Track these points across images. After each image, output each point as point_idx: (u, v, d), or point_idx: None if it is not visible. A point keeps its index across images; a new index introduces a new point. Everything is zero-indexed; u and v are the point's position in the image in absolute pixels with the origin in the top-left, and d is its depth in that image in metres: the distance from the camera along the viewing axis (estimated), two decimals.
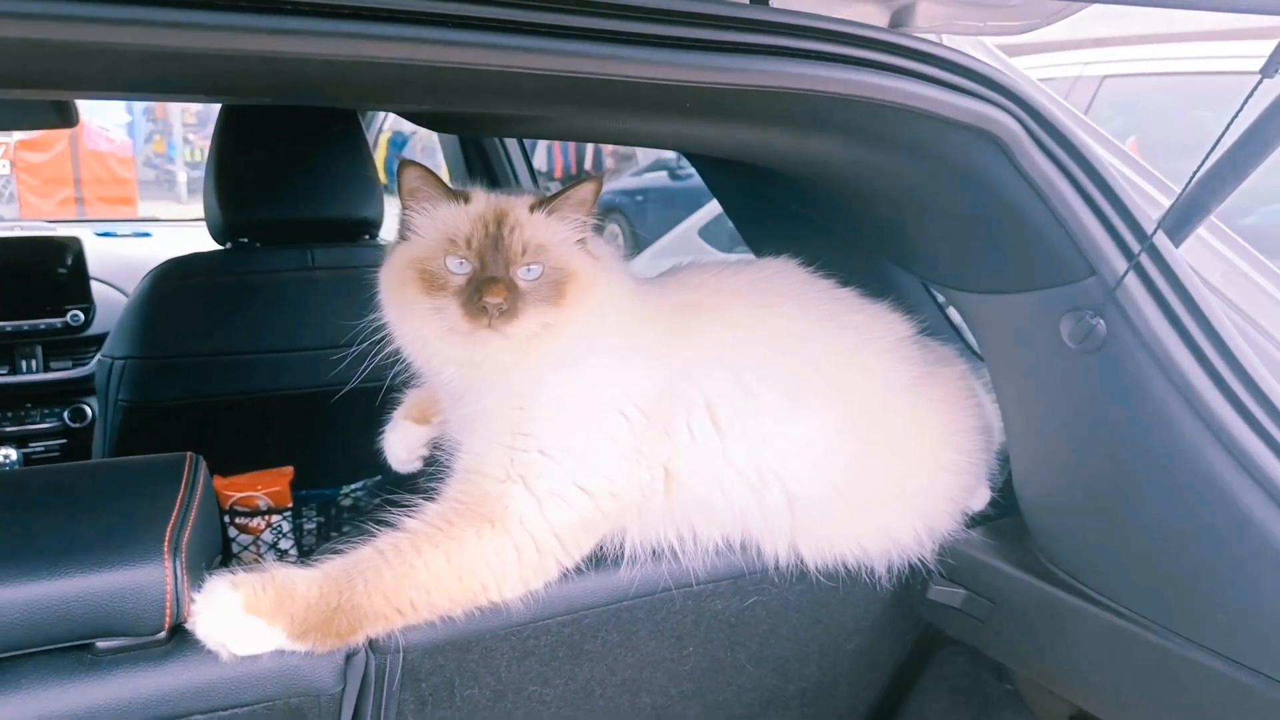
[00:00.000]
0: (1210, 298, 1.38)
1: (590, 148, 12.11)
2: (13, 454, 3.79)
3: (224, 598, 1.28)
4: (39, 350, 3.94)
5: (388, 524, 1.43)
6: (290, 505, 2.91)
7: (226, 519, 2.39)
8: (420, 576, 1.38)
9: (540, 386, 1.48)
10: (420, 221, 1.50)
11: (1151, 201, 1.58)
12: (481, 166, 3.66)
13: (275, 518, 2.85)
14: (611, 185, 10.96)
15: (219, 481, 2.32)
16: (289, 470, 2.91)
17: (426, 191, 1.49)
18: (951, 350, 1.86)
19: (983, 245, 1.53)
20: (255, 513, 2.83)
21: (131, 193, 12.13)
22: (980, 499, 1.81)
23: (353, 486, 3.09)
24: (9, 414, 3.88)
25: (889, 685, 2.03)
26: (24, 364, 3.93)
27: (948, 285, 1.69)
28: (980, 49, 1.44)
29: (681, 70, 1.17)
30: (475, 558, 1.41)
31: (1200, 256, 1.54)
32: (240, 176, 2.81)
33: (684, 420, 1.54)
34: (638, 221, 10.31)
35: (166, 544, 1.25)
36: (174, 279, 2.76)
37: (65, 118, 3.59)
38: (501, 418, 1.48)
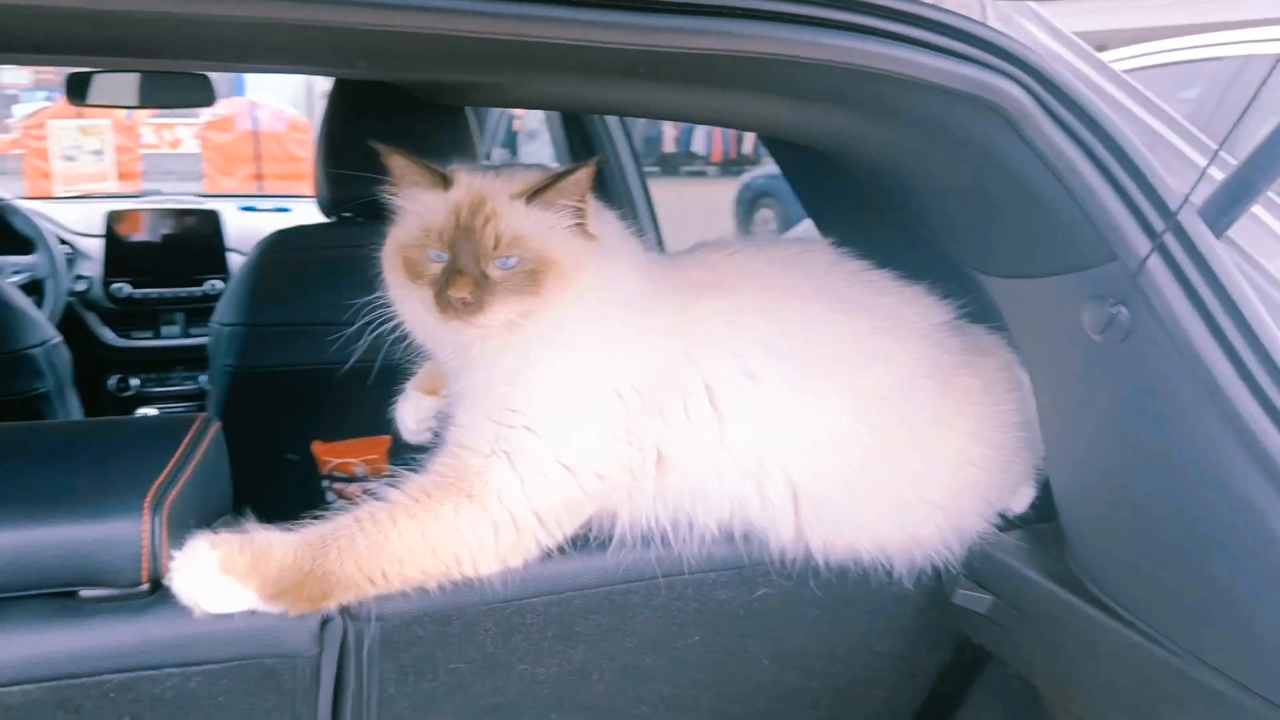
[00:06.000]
0: (1245, 285, 1.23)
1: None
2: (153, 414, 4.05)
3: (201, 556, 1.32)
4: (180, 318, 4.20)
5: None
6: (387, 473, 2.99)
7: (326, 483, 2.47)
8: (394, 547, 1.38)
9: (530, 365, 1.46)
10: (406, 207, 1.52)
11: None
12: (582, 145, 3.66)
13: (372, 485, 2.94)
14: (765, 170, 11.11)
15: (319, 447, 2.39)
16: (386, 439, 2.98)
17: (410, 177, 1.51)
18: (998, 339, 1.73)
19: (998, 225, 1.41)
20: (352, 479, 2.92)
21: (306, 170, 12.72)
22: (1022, 500, 1.68)
23: None
24: (153, 376, 4.16)
25: (932, 694, 1.92)
26: (165, 330, 4.20)
27: (973, 267, 1.57)
28: (994, 11, 1.31)
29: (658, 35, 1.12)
30: (451, 532, 1.40)
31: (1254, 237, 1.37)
32: (345, 154, 2.89)
33: (680, 402, 1.49)
34: (790, 205, 10.33)
35: (148, 501, 1.30)
36: (278, 250, 2.87)
37: (204, 95, 3.78)
38: (491, 393, 1.47)
